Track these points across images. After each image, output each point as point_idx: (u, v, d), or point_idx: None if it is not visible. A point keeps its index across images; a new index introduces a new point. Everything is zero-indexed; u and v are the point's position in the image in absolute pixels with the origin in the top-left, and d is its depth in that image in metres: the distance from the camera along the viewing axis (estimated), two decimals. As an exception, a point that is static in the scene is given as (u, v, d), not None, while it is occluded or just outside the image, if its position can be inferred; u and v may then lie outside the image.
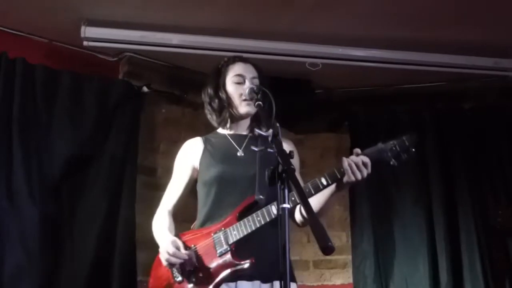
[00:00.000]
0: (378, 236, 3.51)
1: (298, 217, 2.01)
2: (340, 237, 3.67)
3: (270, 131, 1.62)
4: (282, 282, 1.37)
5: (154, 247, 2.10)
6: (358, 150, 1.87)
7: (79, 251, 2.91)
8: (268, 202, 1.75)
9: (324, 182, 1.85)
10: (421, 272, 3.38)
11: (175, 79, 3.56)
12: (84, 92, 3.12)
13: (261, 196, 1.51)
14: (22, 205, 2.79)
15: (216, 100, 2.08)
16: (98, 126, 3.12)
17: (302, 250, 3.61)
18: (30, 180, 2.83)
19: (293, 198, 1.81)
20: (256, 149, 1.64)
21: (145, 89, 3.35)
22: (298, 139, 3.75)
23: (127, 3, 2.93)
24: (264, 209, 1.84)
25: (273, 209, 1.83)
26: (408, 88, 3.74)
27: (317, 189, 1.85)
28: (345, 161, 1.82)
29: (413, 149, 1.90)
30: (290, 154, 1.53)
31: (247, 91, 1.97)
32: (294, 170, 1.47)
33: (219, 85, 2.09)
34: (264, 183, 1.48)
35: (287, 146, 1.92)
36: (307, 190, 1.84)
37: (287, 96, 3.42)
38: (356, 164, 1.81)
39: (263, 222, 1.84)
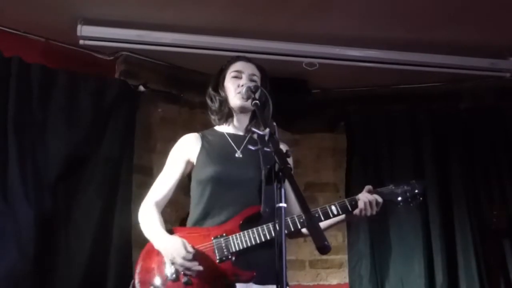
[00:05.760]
0: (374, 236, 3.51)
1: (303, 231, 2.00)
2: (336, 237, 3.67)
3: (267, 130, 1.62)
4: (279, 280, 1.37)
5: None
6: (370, 187, 1.95)
7: (75, 251, 2.90)
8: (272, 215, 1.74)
9: (335, 212, 1.91)
10: (416, 272, 3.39)
11: (172, 78, 3.55)
12: (80, 91, 3.11)
13: (267, 210, 1.53)
14: (17, 206, 2.77)
15: (217, 98, 2.10)
16: (94, 125, 3.11)
17: (298, 250, 3.62)
18: (25, 180, 2.81)
19: (301, 220, 1.86)
20: (253, 148, 1.64)
21: (141, 88, 3.34)
22: (294, 139, 3.77)
23: (124, 1, 2.92)
24: (270, 225, 1.84)
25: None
26: (405, 88, 3.75)
27: (327, 217, 1.91)
28: (361, 200, 1.90)
29: (421, 198, 2.00)
30: (287, 153, 1.53)
31: (244, 89, 1.96)
32: (291, 169, 1.47)
33: (219, 83, 2.11)
34: (271, 196, 1.49)
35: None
36: (316, 215, 1.89)
37: (284, 96, 3.42)
38: (370, 204, 1.90)
39: (268, 238, 1.84)
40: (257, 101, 1.86)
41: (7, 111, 2.85)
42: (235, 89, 2.04)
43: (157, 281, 1.86)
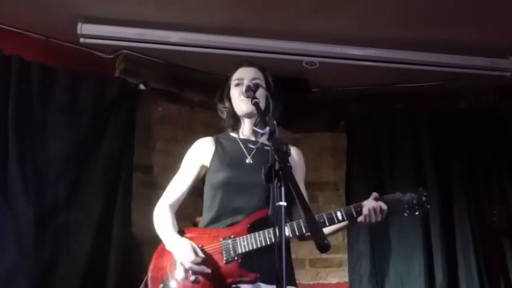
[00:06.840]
0: (374, 235, 3.51)
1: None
2: (336, 236, 3.64)
3: (267, 129, 1.63)
4: (280, 278, 1.37)
5: (150, 245, 2.10)
6: (376, 195, 1.98)
7: (75, 249, 2.89)
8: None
9: (340, 217, 1.94)
10: (416, 271, 3.39)
11: (172, 77, 3.55)
12: (80, 90, 3.10)
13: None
14: (17, 205, 2.76)
15: (223, 108, 2.17)
16: (94, 124, 3.10)
17: (298, 248, 3.61)
18: (25, 179, 2.81)
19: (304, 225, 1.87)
20: (253, 146, 1.65)
21: (141, 86, 3.34)
22: (294, 138, 3.76)
23: (124, 0, 2.92)
24: (276, 228, 1.85)
25: (285, 229, 1.83)
26: (405, 87, 3.75)
27: (332, 222, 1.93)
28: (366, 207, 1.93)
29: (429, 207, 2.00)
30: (287, 152, 1.53)
31: (243, 88, 1.98)
32: (291, 167, 1.48)
33: (224, 93, 2.18)
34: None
35: (295, 154, 2.01)
36: (322, 221, 1.92)
37: (284, 95, 3.41)
38: (375, 210, 1.93)
39: (273, 241, 1.84)
40: (257, 100, 1.88)
41: (7, 109, 2.85)
42: (238, 95, 2.08)
43: (167, 279, 1.93)
